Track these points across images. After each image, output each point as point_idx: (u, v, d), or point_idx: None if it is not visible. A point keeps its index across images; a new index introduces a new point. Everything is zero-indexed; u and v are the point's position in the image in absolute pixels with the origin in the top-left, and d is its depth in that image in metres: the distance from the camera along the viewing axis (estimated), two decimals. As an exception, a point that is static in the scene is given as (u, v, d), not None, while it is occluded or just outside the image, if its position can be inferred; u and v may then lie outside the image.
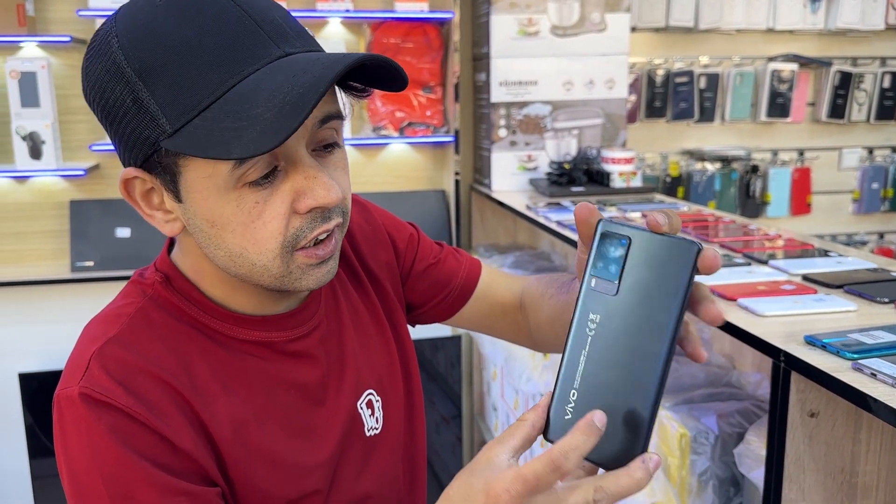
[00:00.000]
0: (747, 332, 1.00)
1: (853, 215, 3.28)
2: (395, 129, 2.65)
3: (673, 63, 2.95)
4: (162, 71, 0.62)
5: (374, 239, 0.93)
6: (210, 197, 0.66)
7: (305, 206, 0.67)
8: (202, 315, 0.74)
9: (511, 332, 0.99)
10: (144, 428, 0.66)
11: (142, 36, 0.63)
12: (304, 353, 0.78)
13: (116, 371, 0.67)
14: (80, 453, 0.65)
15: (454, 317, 0.99)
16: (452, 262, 0.98)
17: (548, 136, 2.50)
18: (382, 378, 0.86)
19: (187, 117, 0.62)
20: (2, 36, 2.33)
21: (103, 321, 0.73)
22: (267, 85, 0.62)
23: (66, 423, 0.66)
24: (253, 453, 0.72)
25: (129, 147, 0.66)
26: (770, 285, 1.20)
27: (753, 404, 1.30)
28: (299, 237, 0.68)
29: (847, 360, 0.88)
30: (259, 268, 0.69)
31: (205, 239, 0.69)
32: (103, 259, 2.47)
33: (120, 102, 0.64)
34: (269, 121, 0.60)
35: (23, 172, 2.42)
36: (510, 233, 2.74)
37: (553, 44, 2.43)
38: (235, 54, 0.63)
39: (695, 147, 3.04)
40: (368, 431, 0.83)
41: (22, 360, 2.50)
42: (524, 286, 0.98)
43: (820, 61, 3.08)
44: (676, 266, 0.57)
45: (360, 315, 0.87)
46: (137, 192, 0.70)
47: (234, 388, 0.73)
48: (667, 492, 1.26)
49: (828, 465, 0.96)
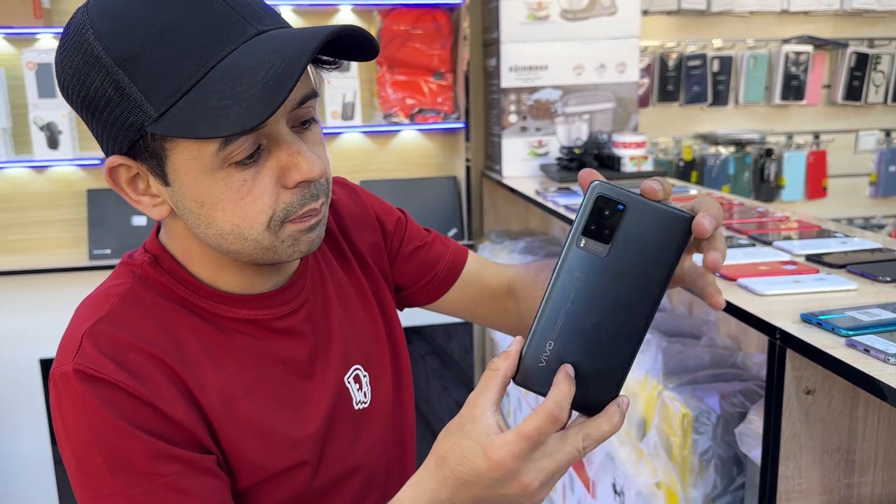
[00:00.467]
0: (744, 310, 1.01)
1: (870, 199, 3.24)
2: (406, 116, 2.66)
3: (686, 46, 2.93)
4: (142, 58, 0.64)
5: (362, 220, 0.95)
6: (197, 178, 0.68)
7: (293, 180, 0.69)
8: (190, 294, 0.76)
9: (498, 318, 1.01)
10: (138, 400, 0.68)
11: (118, 25, 0.64)
12: (291, 330, 0.80)
13: (108, 348, 0.69)
14: (77, 428, 0.68)
15: (440, 300, 1.00)
16: (439, 246, 1.00)
17: (558, 121, 2.49)
18: (369, 353, 0.88)
19: (171, 101, 0.64)
20: (18, 28, 2.36)
21: (94, 301, 0.75)
22: (247, 62, 0.63)
23: (63, 400, 0.69)
24: (243, 425, 0.74)
25: (113, 135, 0.68)
26: (772, 265, 1.20)
27: (756, 384, 1.30)
28: (289, 212, 0.71)
29: (841, 337, 0.88)
30: (251, 242, 0.71)
31: (194, 219, 0.71)
32: (120, 246, 2.51)
33: (101, 92, 0.66)
34: (255, 96, 0.61)
35: (41, 162, 2.46)
36: (522, 219, 2.74)
37: (563, 28, 2.43)
38: (212, 36, 0.64)
39: (708, 131, 3.02)
40: (357, 405, 0.85)
41: (43, 347, 2.55)
42: (514, 272, 0.99)
43: (836, 42, 3.04)
44: (668, 236, 0.60)
45: (346, 293, 0.89)
46: (123, 180, 0.71)
47: (223, 362, 0.75)
48: (668, 471, 1.27)
49: (825, 442, 0.96)
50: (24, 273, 2.48)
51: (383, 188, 2.71)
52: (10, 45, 2.48)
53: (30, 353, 2.54)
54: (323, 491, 0.81)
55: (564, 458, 0.60)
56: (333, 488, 0.82)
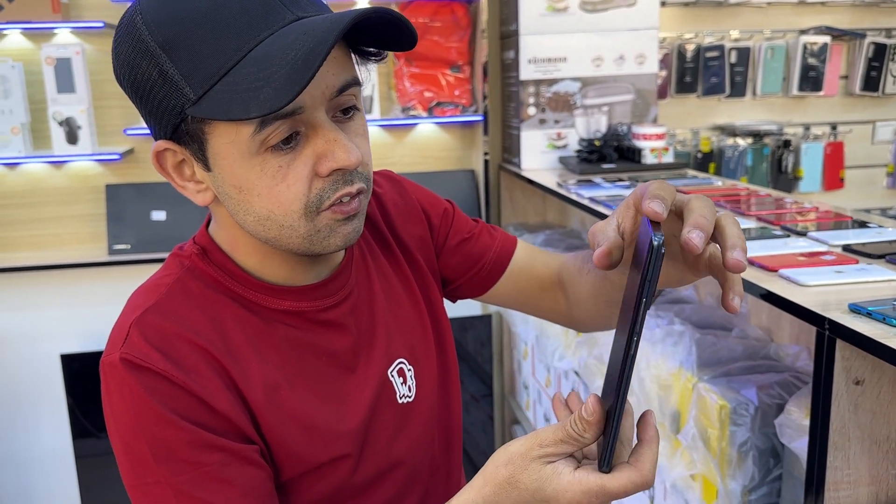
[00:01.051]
0: (790, 301, 1.00)
1: (887, 189, 3.23)
2: (424, 109, 2.65)
3: (703, 38, 2.92)
4: (183, 42, 0.65)
5: (408, 213, 0.94)
6: (235, 162, 0.69)
7: (327, 168, 0.69)
8: (236, 285, 0.77)
9: (549, 308, 0.99)
10: (182, 390, 0.69)
11: (162, 10, 0.66)
12: (334, 323, 0.80)
13: (154, 337, 0.71)
14: (124, 415, 0.69)
15: (490, 292, 0.99)
16: (486, 237, 0.99)
17: (577, 113, 2.48)
18: (415, 348, 0.88)
19: (209, 83, 0.65)
20: (36, 23, 2.36)
21: (144, 292, 0.76)
22: (279, 44, 0.64)
23: (111, 387, 0.70)
24: (285, 416, 0.75)
25: (159, 119, 0.69)
26: (810, 256, 1.20)
27: (792, 376, 1.30)
28: (322, 199, 0.71)
29: (894, 328, 0.88)
30: (287, 229, 0.72)
31: (234, 205, 0.72)
32: (139, 242, 2.51)
33: (147, 76, 0.67)
34: (284, 77, 0.62)
35: (60, 157, 2.46)
36: (539, 212, 2.74)
37: (582, 19, 2.42)
38: (251, 20, 0.65)
39: (726, 122, 3.01)
40: (401, 399, 0.85)
41: (63, 342, 2.55)
42: (562, 262, 0.98)
43: (853, 33, 3.02)
44: (641, 263, 0.56)
45: (392, 285, 0.89)
46: (169, 164, 0.73)
47: (267, 353, 0.76)
48: (707, 463, 1.27)
49: (873, 432, 0.96)
50: (44, 269, 2.48)
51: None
52: (29, 41, 2.47)
53: (50, 348, 2.55)
54: (364, 485, 0.81)
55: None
56: (375, 482, 0.82)
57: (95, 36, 2.50)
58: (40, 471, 2.66)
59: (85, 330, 2.55)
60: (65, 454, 2.62)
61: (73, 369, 2.54)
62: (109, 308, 2.49)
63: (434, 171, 2.76)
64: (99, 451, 2.59)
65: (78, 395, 2.55)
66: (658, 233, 0.54)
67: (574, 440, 0.62)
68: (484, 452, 2.84)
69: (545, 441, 0.63)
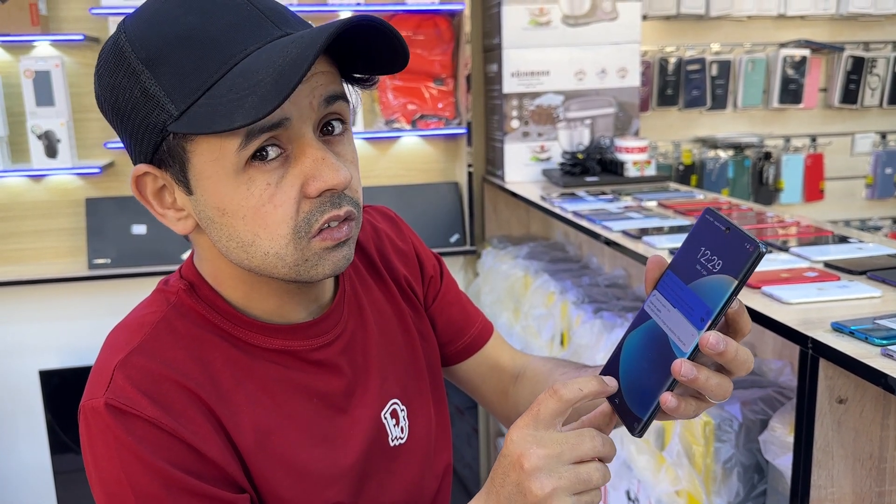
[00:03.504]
0: (773, 319, 1.01)
1: (867, 201, 3.26)
2: (408, 121, 2.65)
3: (684, 51, 2.94)
4: (167, 58, 0.63)
5: (404, 252, 0.92)
6: (220, 181, 0.66)
7: (315, 188, 0.67)
8: (225, 323, 0.74)
9: (496, 399, 0.98)
10: (171, 437, 0.66)
11: (148, 26, 0.65)
12: (326, 363, 0.77)
13: (141, 381, 0.67)
14: (109, 463, 0.66)
15: (456, 366, 0.97)
16: (471, 309, 0.97)
17: (560, 126, 2.49)
18: (407, 386, 0.85)
19: (193, 98, 0.63)
20: (15, 35, 2.34)
21: (126, 330, 0.73)
22: (266, 56, 0.63)
23: (94, 434, 0.67)
24: (276, 462, 0.72)
25: (139, 139, 0.67)
26: (793, 272, 1.20)
27: (776, 391, 1.30)
28: (311, 221, 0.68)
29: (876, 347, 0.88)
30: (272, 257, 0.68)
31: (217, 230, 0.69)
32: (120, 256, 2.49)
33: (129, 96, 0.65)
34: (269, 83, 0.60)
35: (39, 171, 2.44)
36: (523, 224, 2.74)
37: (565, 33, 2.43)
38: (238, 35, 0.64)
39: (707, 135, 3.03)
40: (393, 441, 0.82)
41: (42, 357, 2.52)
42: (528, 361, 0.96)
43: (832, 46, 3.06)
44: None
45: (387, 320, 0.86)
46: (149, 191, 0.70)
47: (257, 395, 0.73)
48: (692, 479, 1.27)
49: (856, 450, 0.96)
50: (23, 283, 2.45)
51: (385, 195, 2.69)
52: (7, 53, 2.45)
53: (29, 363, 2.51)
54: None
55: (563, 439, 0.61)
56: None
57: (75, 48, 2.48)
58: (18, 486, 2.62)
59: (64, 346, 2.51)
60: (43, 470, 2.58)
61: (51, 385, 2.50)
62: (89, 323, 2.47)
63: (418, 184, 2.76)
64: (77, 466, 2.54)
65: (56, 411, 2.51)
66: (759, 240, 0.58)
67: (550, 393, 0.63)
68: (469, 465, 2.83)
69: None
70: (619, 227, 1.63)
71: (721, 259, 0.58)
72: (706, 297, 0.59)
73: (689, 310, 0.60)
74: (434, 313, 0.94)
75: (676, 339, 0.60)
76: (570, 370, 0.88)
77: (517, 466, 0.60)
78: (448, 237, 2.72)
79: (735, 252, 0.57)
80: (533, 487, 0.59)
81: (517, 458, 0.60)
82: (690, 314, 0.60)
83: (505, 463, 0.62)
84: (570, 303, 1.88)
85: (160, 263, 2.40)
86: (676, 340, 0.60)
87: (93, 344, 2.35)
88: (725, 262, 0.58)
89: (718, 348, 0.58)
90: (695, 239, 0.61)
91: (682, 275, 0.61)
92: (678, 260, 0.63)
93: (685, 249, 0.62)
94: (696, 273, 0.60)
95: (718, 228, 0.59)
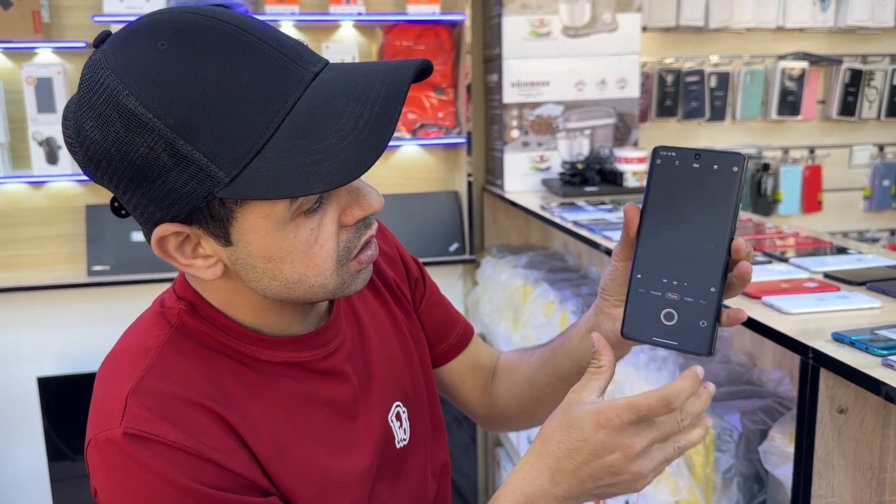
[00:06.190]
0: (774, 329, 1.01)
1: (864, 212, 3.27)
2: (408, 130, 2.66)
3: (683, 62, 2.96)
4: (204, 121, 0.60)
5: (391, 256, 0.94)
6: (269, 234, 0.66)
7: (354, 217, 0.69)
8: (231, 340, 0.73)
9: (473, 396, 1.01)
10: (198, 459, 0.65)
11: (164, 87, 0.60)
12: (334, 371, 0.78)
13: (157, 406, 0.65)
14: (135, 495, 0.64)
15: (441, 367, 0.99)
16: (453, 311, 1.00)
17: (560, 136, 2.50)
18: (406, 388, 0.87)
19: (244, 162, 0.61)
20: (18, 42, 2.34)
21: (128, 356, 0.70)
22: (324, 111, 0.61)
23: (113, 466, 0.64)
24: (295, 474, 0.72)
25: (167, 204, 0.63)
26: (793, 283, 1.21)
27: (776, 401, 1.30)
28: (350, 248, 0.70)
29: (876, 357, 0.89)
30: (317, 287, 0.70)
31: (256, 274, 0.68)
32: (119, 263, 2.49)
33: (152, 160, 0.61)
34: (349, 148, 0.60)
35: (39, 178, 2.44)
36: (523, 233, 2.74)
37: (565, 44, 2.44)
38: (272, 87, 0.61)
39: (706, 146, 3.04)
40: (399, 443, 0.83)
41: (40, 364, 2.51)
42: (499, 354, 1.02)
43: (830, 59, 3.08)
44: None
45: (382, 325, 0.87)
46: (172, 247, 0.67)
47: (271, 410, 0.73)
48: (692, 489, 1.27)
49: (857, 460, 0.96)
50: (22, 290, 2.45)
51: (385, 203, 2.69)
52: (10, 60, 2.46)
53: (27, 370, 2.51)
54: None
55: (667, 428, 0.65)
56: None
57: (77, 56, 2.49)
58: (15, 494, 2.60)
59: (62, 352, 2.51)
60: (40, 477, 2.57)
61: (49, 392, 2.49)
62: (88, 330, 2.47)
63: (417, 193, 2.76)
64: (74, 474, 2.55)
65: (54, 418, 2.51)
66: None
67: (595, 368, 0.68)
68: (466, 475, 2.82)
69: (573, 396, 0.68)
70: (618, 237, 1.64)
71: (704, 190, 0.64)
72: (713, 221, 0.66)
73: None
74: (422, 315, 0.96)
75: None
76: (533, 349, 0.94)
77: (624, 455, 0.64)
78: (447, 246, 2.73)
79: (717, 176, 0.65)
80: (637, 476, 0.65)
81: (625, 449, 0.64)
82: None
83: (601, 436, 0.64)
84: (570, 312, 1.88)
85: (159, 271, 2.40)
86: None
87: (91, 351, 2.35)
88: (711, 192, 0.64)
89: (747, 249, 0.66)
90: (658, 182, 0.67)
91: (668, 225, 0.66)
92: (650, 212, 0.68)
93: (654, 197, 0.68)
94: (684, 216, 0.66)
95: (685, 158, 0.65)
